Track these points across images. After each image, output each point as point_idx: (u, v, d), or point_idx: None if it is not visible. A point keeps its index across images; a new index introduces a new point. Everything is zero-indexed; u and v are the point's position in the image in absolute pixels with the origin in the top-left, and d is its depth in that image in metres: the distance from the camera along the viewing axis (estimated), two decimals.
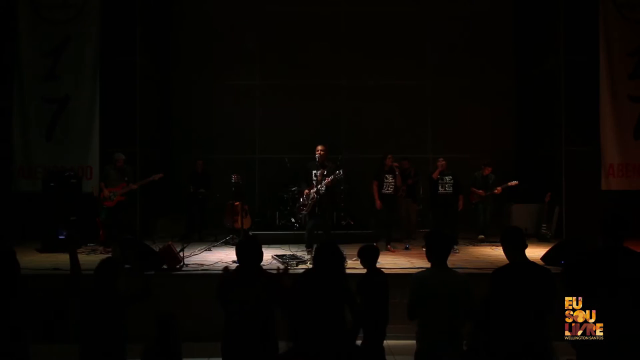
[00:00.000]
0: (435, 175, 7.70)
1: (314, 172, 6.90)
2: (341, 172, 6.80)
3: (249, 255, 3.38)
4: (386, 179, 7.51)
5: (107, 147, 8.69)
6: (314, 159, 6.94)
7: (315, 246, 3.69)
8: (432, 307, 3.28)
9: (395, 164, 7.59)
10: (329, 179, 6.74)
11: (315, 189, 6.76)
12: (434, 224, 7.93)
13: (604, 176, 8.94)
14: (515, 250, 3.34)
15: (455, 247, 7.68)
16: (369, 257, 4.08)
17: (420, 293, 3.35)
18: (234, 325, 3.26)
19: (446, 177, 7.73)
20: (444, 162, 7.75)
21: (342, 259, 3.52)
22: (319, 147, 6.92)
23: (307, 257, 6.75)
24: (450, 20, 10.89)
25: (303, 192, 6.94)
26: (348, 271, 3.79)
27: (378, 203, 7.49)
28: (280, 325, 3.35)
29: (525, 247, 3.36)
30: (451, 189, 7.72)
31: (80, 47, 8.89)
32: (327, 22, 10.93)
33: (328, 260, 3.44)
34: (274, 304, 3.30)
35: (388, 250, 7.57)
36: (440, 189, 7.70)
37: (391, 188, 7.53)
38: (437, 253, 3.43)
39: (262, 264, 3.45)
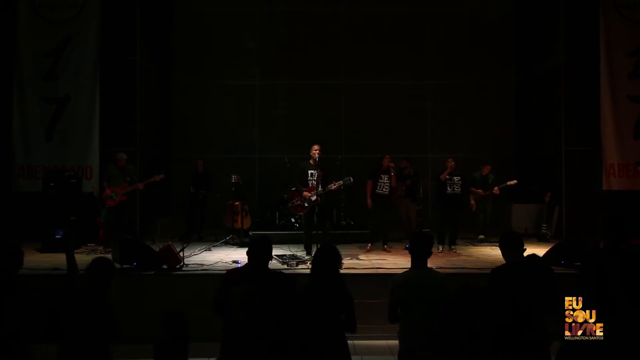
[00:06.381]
0: (444, 176, 7.63)
1: (309, 172, 6.87)
2: (351, 179, 6.79)
3: (257, 253, 3.39)
4: (381, 179, 7.49)
5: (107, 147, 8.69)
6: (307, 159, 6.93)
7: (315, 248, 3.62)
8: (413, 307, 3.26)
9: (392, 164, 7.54)
10: (337, 184, 6.74)
11: (315, 191, 6.69)
12: (441, 223, 7.89)
13: (605, 176, 8.94)
14: (514, 251, 3.34)
15: (454, 247, 7.69)
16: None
17: (401, 294, 3.33)
18: (234, 323, 3.24)
19: (455, 178, 7.67)
20: (453, 162, 7.66)
21: (339, 262, 3.48)
22: (316, 147, 6.90)
23: (306, 257, 6.73)
24: (450, 20, 10.91)
25: (299, 192, 6.89)
26: (347, 271, 3.76)
27: (369, 202, 7.51)
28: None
29: (524, 249, 3.36)
30: (459, 189, 7.69)
31: (80, 47, 8.89)
32: (327, 22, 10.93)
33: (327, 264, 3.35)
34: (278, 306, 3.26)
35: (385, 250, 7.56)
36: (448, 189, 7.65)
37: (386, 189, 7.49)
38: (417, 253, 3.41)
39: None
